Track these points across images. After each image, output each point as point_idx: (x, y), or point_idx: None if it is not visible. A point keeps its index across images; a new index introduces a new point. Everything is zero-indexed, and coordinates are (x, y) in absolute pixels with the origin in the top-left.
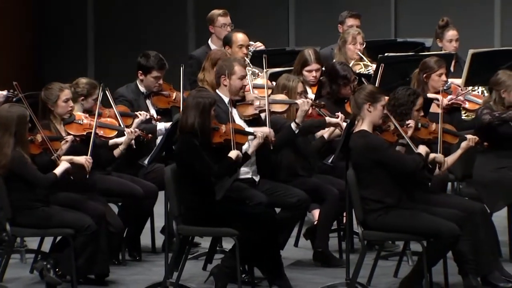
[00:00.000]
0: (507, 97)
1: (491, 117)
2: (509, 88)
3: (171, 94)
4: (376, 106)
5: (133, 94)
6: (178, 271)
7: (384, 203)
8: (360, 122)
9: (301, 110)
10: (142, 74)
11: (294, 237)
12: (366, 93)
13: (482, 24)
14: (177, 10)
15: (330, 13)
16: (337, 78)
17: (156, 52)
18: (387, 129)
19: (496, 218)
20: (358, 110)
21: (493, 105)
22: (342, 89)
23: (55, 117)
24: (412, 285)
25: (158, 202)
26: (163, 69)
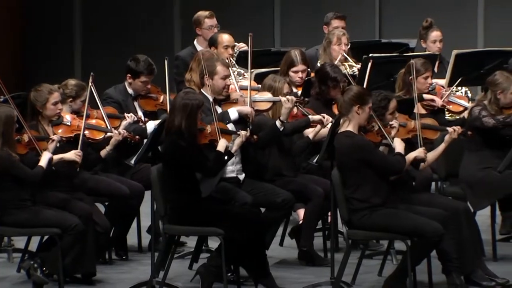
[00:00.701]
0: (503, 98)
1: (495, 121)
2: (505, 90)
3: (158, 97)
4: (365, 109)
5: (121, 96)
6: (164, 270)
7: (369, 203)
8: (346, 123)
9: (285, 108)
10: (131, 77)
11: (279, 237)
12: (355, 95)
13: (465, 25)
14: (163, 11)
15: (315, 14)
16: (327, 80)
17: (146, 56)
18: (371, 129)
19: (479, 217)
20: (347, 111)
21: (487, 105)
22: (331, 90)
23: (43, 119)
24: (396, 284)
25: (144, 202)
26: (152, 74)
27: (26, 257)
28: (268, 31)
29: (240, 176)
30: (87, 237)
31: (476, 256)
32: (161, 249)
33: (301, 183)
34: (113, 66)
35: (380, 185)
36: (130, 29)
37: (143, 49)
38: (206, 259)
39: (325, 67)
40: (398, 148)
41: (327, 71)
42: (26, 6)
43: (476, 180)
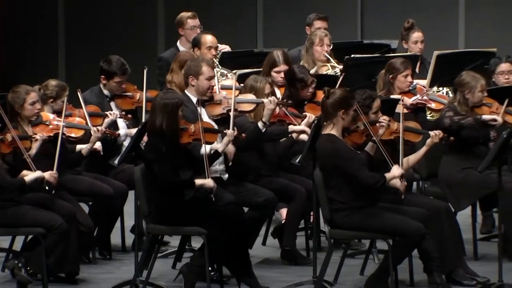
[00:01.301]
0: (471, 98)
1: (450, 121)
2: (473, 89)
3: (134, 95)
4: (349, 112)
5: (97, 98)
6: (148, 270)
7: (349, 204)
8: (330, 126)
9: (267, 109)
10: (105, 78)
11: (262, 236)
12: (339, 99)
13: (446, 26)
14: (147, 11)
15: (298, 15)
16: (295, 81)
17: (119, 57)
18: (356, 129)
19: (460, 217)
20: (331, 116)
21: (457, 106)
22: (300, 91)
23: (22, 119)
24: (378, 283)
25: (128, 202)
26: (126, 74)
27: (10, 256)
28: (251, 32)
29: (223, 176)
30: (70, 237)
31: (457, 255)
32: (144, 248)
33: (284, 183)
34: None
35: (360, 188)
36: (114, 30)
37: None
38: (189, 259)
39: (292, 69)
40: (390, 173)
41: (294, 72)
42: (8, 7)
43: (456, 180)
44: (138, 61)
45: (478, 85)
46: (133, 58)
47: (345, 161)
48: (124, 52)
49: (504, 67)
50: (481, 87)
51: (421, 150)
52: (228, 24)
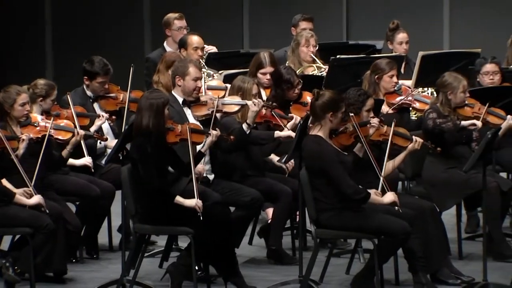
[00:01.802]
0: (453, 98)
1: (433, 124)
2: (455, 89)
3: (118, 96)
4: (337, 115)
5: (80, 99)
6: (135, 269)
7: (336, 205)
8: (318, 127)
9: (251, 111)
10: (87, 79)
11: (249, 235)
12: (328, 101)
13: (431, 27)
14: (133, 13)
15: (284, 16)
16: (281, 82)
17: (101, 57)
18: (345, 131)
19: (445, 216)
20: (319, 117)
21: (440, 107)
22: (287, 92)
23: (11, 120)
24: (364, 282)
25: (115, 201)
26: (108, 74)
27: None
28: (237, 32)
29: (209, 176)
30: (58, 236)
31: (442, 254)
32: (131, 248)
33: (270, 183)
34: None
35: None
36: (101, 30)
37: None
38: (176, 258)
39: (279, 70)
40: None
41: (280, 73)
42: None
43: (441, 180)
44: (125, 61)
45: (460, 85)
46: (120, 59)
47: (328, 164)
48: (111, 52)
49: (489, 67)
50: (463, 88)
51: (400, 155)
52: (214, 25)
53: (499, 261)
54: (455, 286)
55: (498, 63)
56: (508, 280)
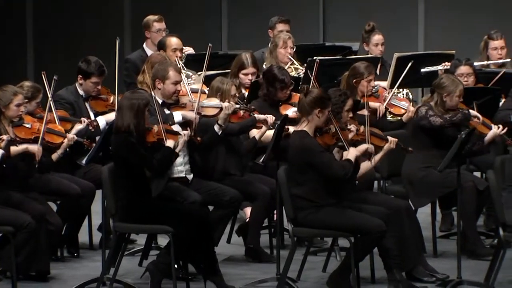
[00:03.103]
0: (449, 101)
1: (442, 120)
2: (451, 93)
3: (108, 98)
4: (324, 112)
5: (73, 97)
6: (115, 267)
7: (315, 202)
8: (304, 123)
9: (223, 113)
10: (82, 78)
11: (227, 234)
12: (316, 98)
13: (406, 29)
14: (113, 13)
15: (261, 18)
16: (275, 82)
17: (97, 58)
18: (328, 131)
19: (421, 215)
20: (307, 113)
21: (433, 106)
22: (279, 92)
23: (4, 119)
24: (340, 280)
25: (95, 201)
26: (103, 75)
27: None
28: (216, 34)
29: (188, 176)
30: (40, 236)
31: (417, 252)
32: (111, 246)
33: (248, 182)
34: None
35: (325, 185)
36: (81, 31)
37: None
38: (155, 256)
39: (273, 69)
40: (349, 155)
41: (275, 73)
42: None
43: (417, 179)
44: (104, 61)
45: (457, 90)
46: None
47: (315, 156)
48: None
49: (463, 69)
50: (459, 92)
51: (377, 155)
52: (193, 27)
53: (473, 259)
54: (430, 284)
55: (472, 64)
56: (482, 277)
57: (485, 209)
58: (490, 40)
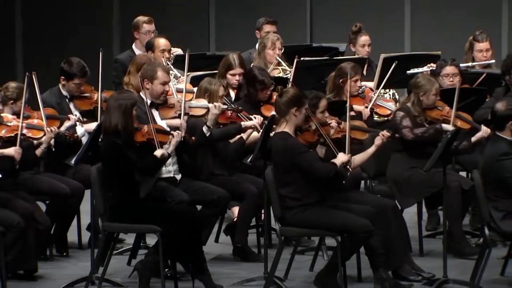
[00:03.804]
0: (426, 100)
1: (413, 136)
2: (427, 92)
3: (92, 96)
4: (301, 110)
5: (56, 98)
6: (104, 266)
7: (302, 201)
8: (284, 124)
9: (211, 114)
10: (64, 79)
11: (215, 233)
12: (291, 97)
13: (393, 30)
14: (102, 14)
15: (248, 19)
16: (255, 82)
17: (79, 59)
18: (308, 129)
19: (407, 214)
20: (284, 113)
21: (410, 107)
22: (259, 93)
23: None
24: (327, 279)
25: (84, 200)
26: (85, 76)
27: None
28: (204, 35)
29: (177, 176)
30: (28, 235)
31: (403, 251)
32: (100, 246)
33: (236, 182)
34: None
35: (312, 184)
36: (69, 32)
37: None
38: (144, 256)
39: (253, 70)
40: (338, 158)
41: (255, 74)
42: None
43: (403, 179)
44: (92, 62)
45: (433, 88)
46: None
47: (299, 155)
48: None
49: (449, 69)
50: (435, 91)
51: (369, 149)
52: (181, 28)
53: (459, 258)
54: (416, 283)
55: (457, 65)
56: (467, 276)
57: (470, 208)
58: (475, 42)
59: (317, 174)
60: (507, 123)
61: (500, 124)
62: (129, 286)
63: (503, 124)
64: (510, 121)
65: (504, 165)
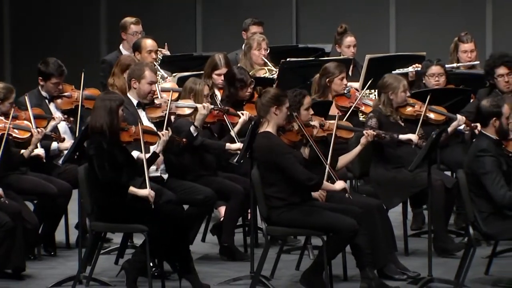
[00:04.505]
0: (395, 98)
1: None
2: (396, 89)
3: (73, 95)
4: (282, 109)
5: (36, 100)
6: (91, 266)
7: (287, 201)
8: (265, 124)
9: (199, 114)
10: (42, 80)
11: (202, 233)
12: (272, 96)
13: (378, 31)
14: (89, 15)
15: (235, 20)
16: (235, 81)
17: (56, 58)
18: (291, 129)
19: (392, 214)
20: (265, 113)
21: (382, 108)
22: (239, 91)
23: None
24: (313, 278)
25: (72, 200)
26: (62, 75)
27: None
28: (190, 36)
29: (164, 176)
30: (16, 234)
31: (388, 250)
32: (88, 245)
33: (222, 182)
34: None
35: (296, 184)
36: (57, 32)
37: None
38: (131, 255)
39: (232, 70)
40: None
41: (234, 73)
42: None
43: (387, 179)
44: (80, 63)
45: (400, 85)
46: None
47: (280, 156)
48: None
49: (434, 69)
50: (403, 87)
51: (355, 149)
52: (168, 29)
53: (444, 256)
54: (401, 281)
55: (443, 65)
56: (452, 275)
57: (455, 207)
58: (460, 43)
59: (297, 176)
60: (491, 120)
61: (484, 121)
62: (116, 285)
63: (487, 121)
64: (493, 118)
65: (481, 161)
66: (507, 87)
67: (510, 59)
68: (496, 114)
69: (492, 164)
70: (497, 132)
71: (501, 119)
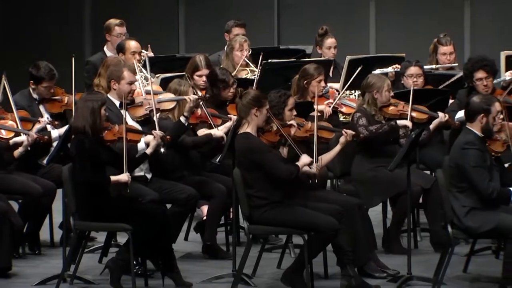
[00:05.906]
0: (380, 97)
1: (368, 133)
2: (380, 88)
3: (63, 99)
4: (262, 111)
5: (26, 101)
6: (75, 264)
7: (268, 200)
8: (246, 125)
9: (187, 106)
10: (33, 83)
11: (185, 231)
12: (252, 98)
13: (358, 33)
14: (74, 16)
15: (218, 22)
16: (217, 82)
17: (47, 63)
18: (270, 129)
19: (372, 213)
20: (245, 114)
21: (366, 107)
22: (222, 92)
23: None
24: (294, 276)
25: (56, 199)
26: (53, 79)
27: None
28: (173, 38)
29: (147, 175)
30: (3, 233)
31: (369, 249)
32: (72, 244)
33: (205, 181)
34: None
35: (277, 184)
36: (42, 34)
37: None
38: (115, 253)
39: (214, 71)
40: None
41: (216, 74)
42: None
43: (368, 179)
44: (65, 64)
45: (384, 84)
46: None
47: (260, 155)
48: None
49: (413, 70)
50: (387, 87)
51: (335, 148)
52: (151, 30)
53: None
54: (381, 279)
55: (421, 66)
56: (431, 273)
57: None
58: (439, 46)
59: (279, 174)
60: (479, 116)
61: (471, 116)
62: (100, 284)
63: (474, 116)
64: (481, 114)
65: (467, 154)
66: (486, 90)
67: (489, 63)
68: (485, 111)
69: (478, 157)
70: (482, 129)
71: (488, 117)
